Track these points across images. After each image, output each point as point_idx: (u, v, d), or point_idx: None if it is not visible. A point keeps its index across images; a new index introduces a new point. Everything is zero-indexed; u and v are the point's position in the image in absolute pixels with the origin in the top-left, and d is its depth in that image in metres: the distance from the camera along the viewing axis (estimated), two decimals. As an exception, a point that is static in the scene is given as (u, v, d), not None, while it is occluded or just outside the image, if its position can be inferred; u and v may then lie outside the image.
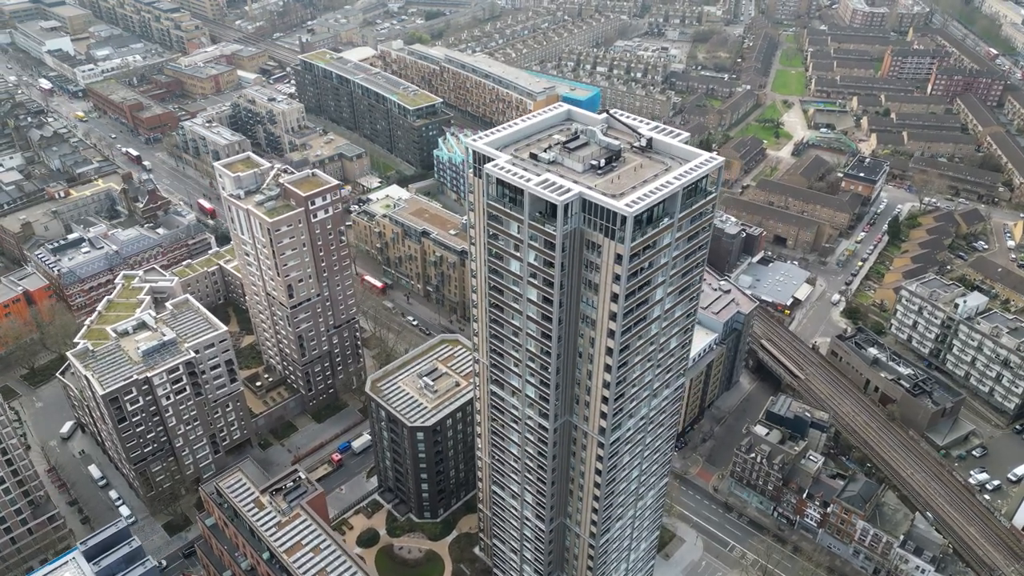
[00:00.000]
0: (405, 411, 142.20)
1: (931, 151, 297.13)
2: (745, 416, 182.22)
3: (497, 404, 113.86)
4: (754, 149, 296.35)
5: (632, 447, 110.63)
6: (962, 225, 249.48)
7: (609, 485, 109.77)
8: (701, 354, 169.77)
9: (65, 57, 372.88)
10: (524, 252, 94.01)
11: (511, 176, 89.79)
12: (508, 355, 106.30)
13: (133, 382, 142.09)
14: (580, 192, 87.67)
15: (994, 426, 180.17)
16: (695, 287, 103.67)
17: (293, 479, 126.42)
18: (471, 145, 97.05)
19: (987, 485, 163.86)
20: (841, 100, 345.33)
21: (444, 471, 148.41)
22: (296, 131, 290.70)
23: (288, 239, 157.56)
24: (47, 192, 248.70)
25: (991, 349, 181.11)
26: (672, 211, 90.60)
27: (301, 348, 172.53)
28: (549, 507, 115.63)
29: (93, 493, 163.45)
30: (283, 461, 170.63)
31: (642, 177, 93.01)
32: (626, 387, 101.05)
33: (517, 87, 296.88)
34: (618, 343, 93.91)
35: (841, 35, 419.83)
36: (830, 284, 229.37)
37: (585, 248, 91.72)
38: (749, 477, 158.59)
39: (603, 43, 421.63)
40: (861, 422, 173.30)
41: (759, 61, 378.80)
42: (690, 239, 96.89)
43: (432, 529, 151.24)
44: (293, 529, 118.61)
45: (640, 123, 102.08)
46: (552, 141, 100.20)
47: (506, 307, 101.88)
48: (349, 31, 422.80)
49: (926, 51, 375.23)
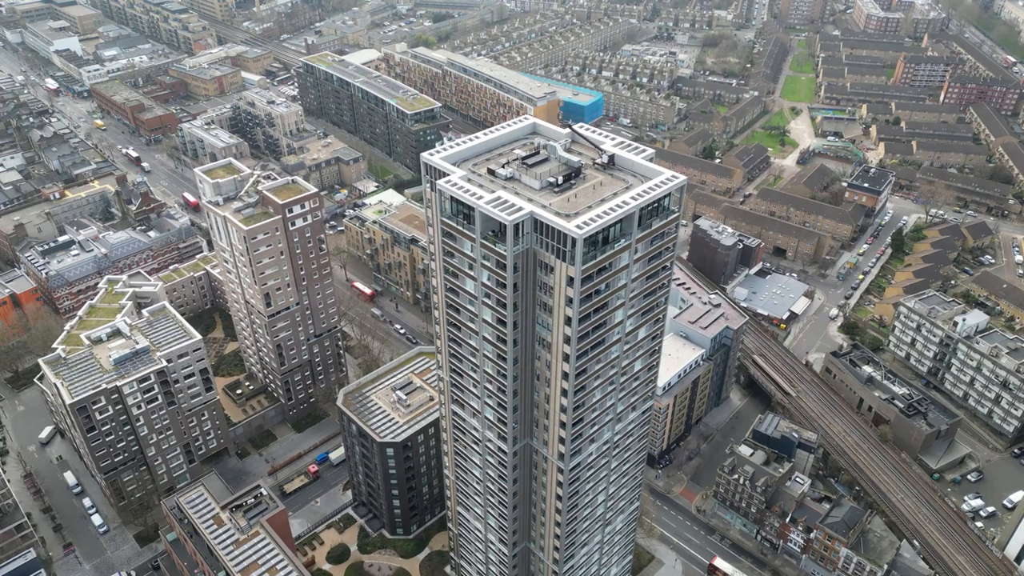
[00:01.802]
0: (376, 425, 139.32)
1: (941, 161, 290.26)
2: (734, 433, 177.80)
3: (458, 424, 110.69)
4: (758, 157, 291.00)
5: (596, 472, 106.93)
6: (969, 238, 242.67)
7: (571, 511, 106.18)
8: (686, 370, 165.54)
9: (72, 57, 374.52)
10: (478, 271, 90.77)
11: (462, 193, 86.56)
12: (467, 375, 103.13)
13: (102, 391, 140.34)
14: (531, 212, 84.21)
15: (992, 449, 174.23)
16: (660, 308, 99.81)
17: (254, 495, 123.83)
18: (426, 159, 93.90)
19: (981, 512, 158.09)
20: (851, 108, 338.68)
21: (416, 487, 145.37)
22: (294, 134, 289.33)
23: (265, 247, 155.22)
24: (42, 193, 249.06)
25: (990, 369, 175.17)
26: (629, 232, 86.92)
27: (280, 357, 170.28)
28: (511, 531, 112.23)
29: (67, 501, 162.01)
30: (260, 471, 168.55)
31: (600, 195, 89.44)
32: (585, 412, 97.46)
33: (517, 92, 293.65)
34: (573, 367, 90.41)
35: (854, 41, 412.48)
36: (829, 298, 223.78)
37: (539, 269, 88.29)
38: (732, 499, 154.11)
39: (611, 47, 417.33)
40: (852, 443, 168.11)
41: (768, 67, 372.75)
42: (651, 260, 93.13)
43: (404, 546, 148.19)
44: (251, 548, 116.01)
45: (605, 138, 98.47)
46: (513, 156, 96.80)
47: (463, 326, 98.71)
48: (356, 33, 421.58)
49: (940, 58, 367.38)
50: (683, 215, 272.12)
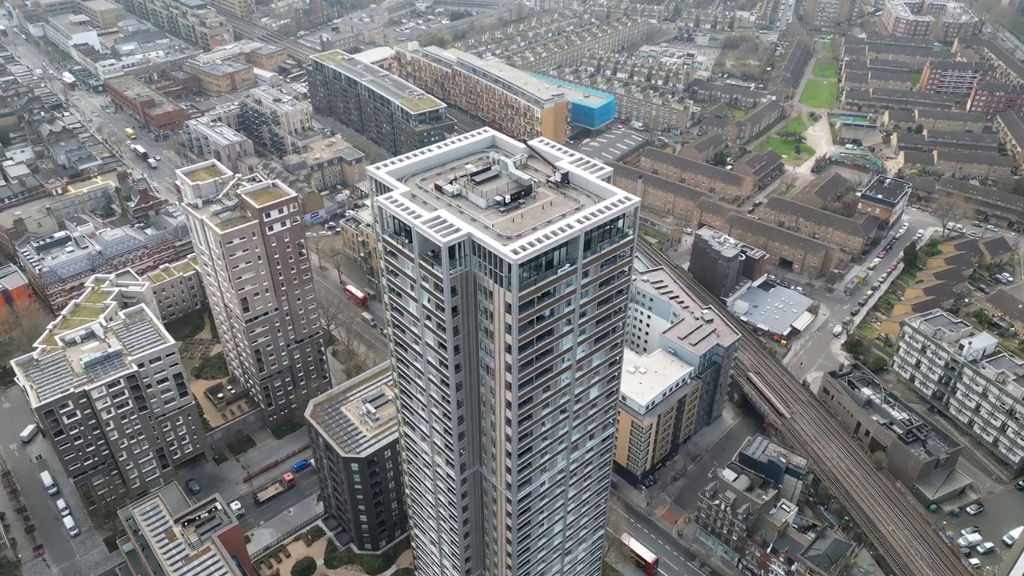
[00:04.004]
0: (342, 439, 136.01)
1: (963, 172, 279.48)
2: (724, 454, 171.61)
3: (409, 446, 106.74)
4: (771, 164, 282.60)
5: (550, 502, 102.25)
6: (986, 254, 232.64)
7: (523, 542, 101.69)
8: (672, 389, 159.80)
9: (90, 51, 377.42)
10: (418, 293, 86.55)
11: (399, 211, 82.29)
12: (415, 397, 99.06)
13: (70, 395, 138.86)
14: (469, 233, 79.66)
15: (996, 480, 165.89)
16: (616, 334, 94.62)
17: (209, 509, 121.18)
18: (371, 173, 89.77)
19: (978, 547, 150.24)
20: (872, 114, 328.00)
21: (385, 503, 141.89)
22: (299, 132, 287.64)
23: (241, 251, 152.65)
24: (45, 188, 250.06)
25: (996, 396, 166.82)
26: (575, 256, 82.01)
27: (259, 362, 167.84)
28: (464, 558, 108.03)
29: (43, 501, 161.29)
30: (236, 477, 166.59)
31: (548, 216, 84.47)
32: (534, 441, 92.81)
33: (525, 93, 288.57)
34: (516, 396, 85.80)
35: (880, 44, 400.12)
36: (834, 314, 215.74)
37: (479, 293, 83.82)
38: (713, 524, 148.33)
39: (628, 48, 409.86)
40: (844, 469, 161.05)
41: (789, 70, 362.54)
42: (603, 284, 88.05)
43: (371, 562, 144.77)
44: (200, 565, 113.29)
45: (563, 155, 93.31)
46: (464, 172, 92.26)
47: (408, 348, 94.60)
48: (372, 30, 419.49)
49: (968, 64, 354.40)
50: (689, 223, 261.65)
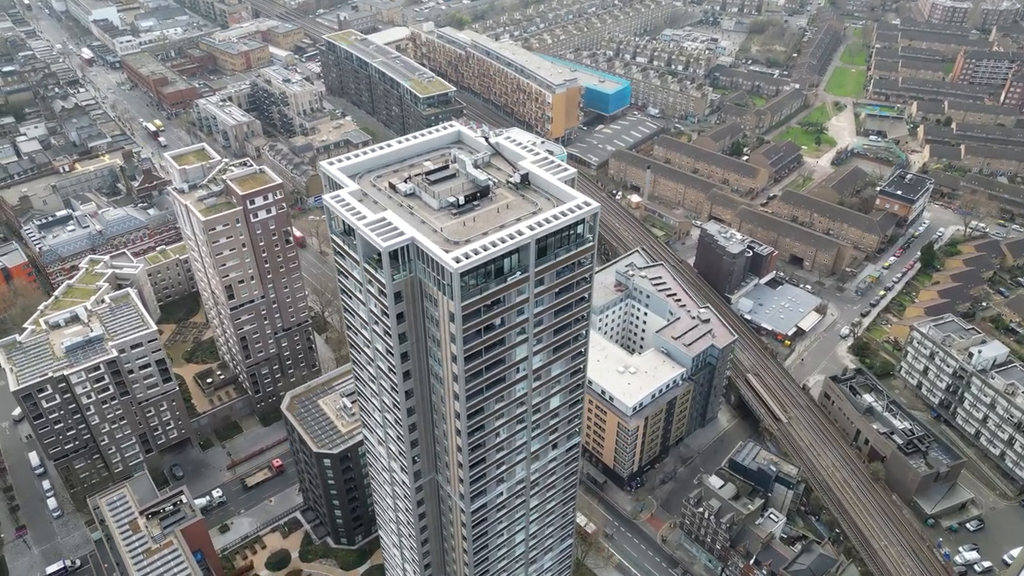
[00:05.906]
0: (316, 434, 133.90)
1: (991, 168, 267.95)
2: (716, 457, 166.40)
3: (369, 449, 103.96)
4: (789, 156, 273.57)
5: (510, 512, 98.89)
6: (1008, 256, 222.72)
7: (480, 552, 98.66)
8: (662, 390, 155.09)
9: (108, 27, 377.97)
10: (366, 297, 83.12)
11: (343, 210, 78.63)
12: (370, 401, 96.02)
13: (48, 379, 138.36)
14: (412, 238, 75.78)
15: (1000, 495, 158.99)
16: (579, 343, 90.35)
17: (174, 503, 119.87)
18: (323, 168, 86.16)
19: (975, 567, 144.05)
20: (900, 105, 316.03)
21: (360, 498, 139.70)
22: (308, 114, 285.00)
23: (225, 238, 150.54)
24: (53, 165, 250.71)
25: (1004, 408, 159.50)
26: (527, 264, 77.76)
27: (245, 350, 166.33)
28: (423, 564, 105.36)
29: (28, 482, 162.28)
30: (221, 464, 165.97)
31: (502, 220, 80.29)
32: (488, 452, 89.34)
33: (537, 77, 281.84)
34: (464, 406, 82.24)
35: (914, 31, 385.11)
36: (843, 314, 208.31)
37: (426, 300, 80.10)
38: (697, 532, 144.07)
39: (650, 31, 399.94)
40: (839, 479, 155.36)
41: (816, 57, 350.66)
42: (561, 292, 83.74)
43: (346, 557, 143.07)
44: (161, 559, 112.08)
45: (528, 154, 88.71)
46: (422, 169, 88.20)
47: (361, 352, 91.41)
48: (391, 10, 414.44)
49: (1005, 54, 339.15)
50: (699, 216, 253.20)
